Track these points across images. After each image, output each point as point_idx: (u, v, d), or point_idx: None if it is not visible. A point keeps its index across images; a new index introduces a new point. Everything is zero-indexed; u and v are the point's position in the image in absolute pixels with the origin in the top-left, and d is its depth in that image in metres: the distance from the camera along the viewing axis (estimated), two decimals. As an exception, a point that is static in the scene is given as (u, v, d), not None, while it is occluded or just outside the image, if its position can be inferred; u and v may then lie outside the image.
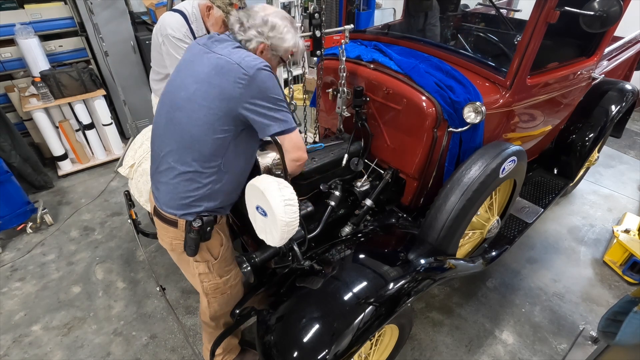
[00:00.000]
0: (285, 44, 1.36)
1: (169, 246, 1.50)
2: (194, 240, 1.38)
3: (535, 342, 2.19)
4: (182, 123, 1.29)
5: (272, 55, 1.38)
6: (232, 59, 1.23)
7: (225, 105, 1.24)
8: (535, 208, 2.47)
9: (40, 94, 3.21)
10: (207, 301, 1.63)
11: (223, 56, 1.24)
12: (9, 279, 2.57)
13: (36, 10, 3.35)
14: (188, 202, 1.35)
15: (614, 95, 2.58)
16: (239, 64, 1.21)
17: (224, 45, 1.30)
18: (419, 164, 1.83)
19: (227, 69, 1.22)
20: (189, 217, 1.37)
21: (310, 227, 1.79)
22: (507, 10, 3.24)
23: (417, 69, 1.78)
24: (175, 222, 1.40)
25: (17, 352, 2.12)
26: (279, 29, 1.33)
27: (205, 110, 1.25)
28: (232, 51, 1.26)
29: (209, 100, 1.24)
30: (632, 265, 2.53)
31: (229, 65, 1.22)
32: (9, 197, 2.75)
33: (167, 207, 1.39)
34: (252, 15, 1.31)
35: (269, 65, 1.26)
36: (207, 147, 1.29)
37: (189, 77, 1.30)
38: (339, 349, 1.25)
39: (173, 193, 1.36)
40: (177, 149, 1.32)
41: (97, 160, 3.80)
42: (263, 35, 1.32)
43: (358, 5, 2.42)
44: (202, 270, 1.52)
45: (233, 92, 1.22)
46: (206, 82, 1.24)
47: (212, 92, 1.23)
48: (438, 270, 1.59)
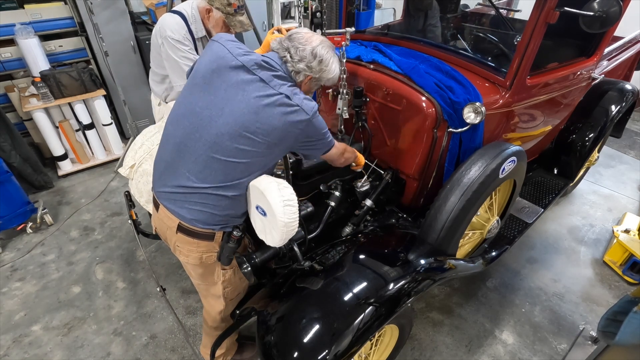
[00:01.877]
0: (330, 75, 1.40)
1: (197, 260, 1.44)
2: (232, 249, 1.39)
3: (535, 342, 2.19)
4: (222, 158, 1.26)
5: (315, 84, 1.43)
6: (293, 99, 1.25)
7: (280, 143, 1.28)
8: (535, 208, 2.48)
9: (40, 94, 3.21)
10: (225, 304, 1.62)
11: (284, 95, 1.24)
12: (9, 279, 2.57)
13: (36, 10, 3.35)
14: (229, 218, 1.38)
15: (614, 95, 2.58)
16: (301, 106, 1.25)
17: (283, 81, 1.28)
18: (419, 165, 1.83)
19: (288, 110, 1.23)
20: (227, 229, 1.38)
21: (311, 227, 1.79)
22: (507, 11, 3.24)
23: (417, 70, 1.78)
24: (211, 235, 1.38)
25: (17, 352, 2.13)
26: (326, 62, 1.35)
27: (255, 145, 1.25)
28: (291, 90, 1.27)
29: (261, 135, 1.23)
30: (632, 265, 2.53)
31: (289, 106, 1.24)
32: (9, 197, 2.75)
33: (202, 224, 1.35)
34: (300, 48, 1.30)
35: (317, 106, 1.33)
36: (252, 175, 1.32)
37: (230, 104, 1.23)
38: (339, 349, 1.25)
39: (211, 212, 1.33)
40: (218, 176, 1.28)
41: (97, 160, 3.80)
42: (312, 70, 1.33)
43: (358, 6, 2.41)
44: (228, 277, 1.53)
45: (291, 132, 1.27)
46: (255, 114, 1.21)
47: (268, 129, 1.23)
48: (438, 271, 1.59)
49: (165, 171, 1.37)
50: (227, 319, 1.74)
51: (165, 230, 1.46)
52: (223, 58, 1.26)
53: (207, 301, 1.68)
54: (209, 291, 1.61)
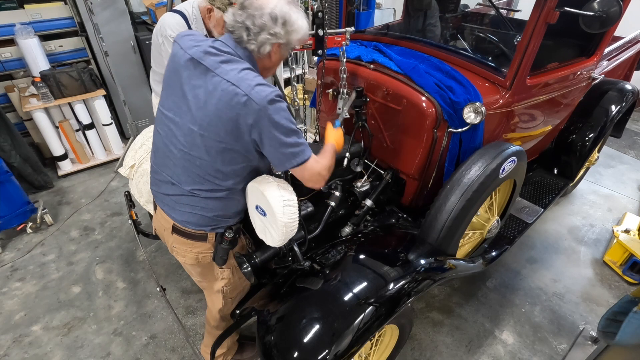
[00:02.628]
0: (299, 35, 1.22)
1: (193, 260, 1.45)
2: (226, 250, 1.38)
3: (535, 342, 2.19)
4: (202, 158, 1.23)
5: (285, 49, 1.26)
6: (242, 88, 1.10)
7: (240, 142, 1.18)
8: (535, 208, 2.48)
9: (40, 94, 3.21)
10: (223, 302, 1.64)
11: (231, 83, 1.12)
12: (9, 279, 2.57)
13: (36, 10, 3.35)
14: (219, 219, 1.35)
15: (614, 95, 2.58)
16: (249, 95, 1.10)
17: (231, 66, 1.15)
18: (419, 165, 1.83)
19: (237, 101, 1.11)
20: (219, 230, 1.37)
21: (311, 227, 1.79)
22: (507, 11, 3.24)
23: (417, 70, 1.78)
24: (204, 236, 1.38)
25: (17, 352, 2.12)
26: (290, 22, 1.18)
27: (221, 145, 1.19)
28: (241, 77, 1.13)
29: (222, 135, 1.16)
30: (632, 265, 2.53)
31: (239, 97, 1.11)
32: (9, 197, 2.75)
33: (194, 225, 1.35)
34: (256, 15, 1.14)
35: (280, 94, 1.16)
36: (230, 176, 1.27)
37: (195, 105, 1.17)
38: (339, 349, 1.25)
39: (201, 214, 1.33)
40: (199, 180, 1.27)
41: (97, 160, 3.80)
42: (276, 36, 1.18)
43: (358, 6, 2.40)
44: (227, 276, 1.54)
45: (244, 128, 1.14)
46: (216, 115, 1.14)
47: (224, 127, 1.15)
48: (438, 271, 1.59)
49: (156, 175, 1.40)
50: (226, 317, 1.74)
51: (162, 231, 1.48)
52: (176, 55, 1.23)
53: (210, 298, 1.70)
54: (212, 288, 1.63)
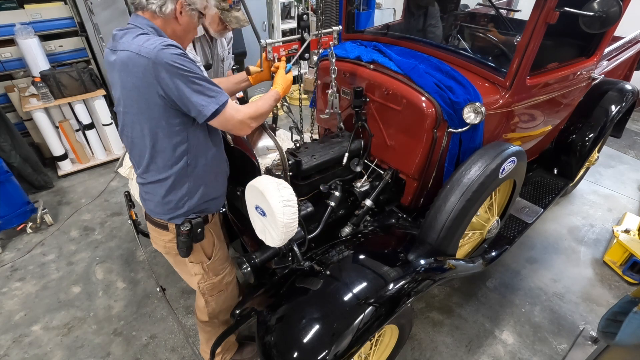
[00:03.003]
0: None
1: (163, 249, 1.51)
2: (185, 242, 1.39)
3: (535, 342, 2.19)
4: (133, 137, 1.27)
5: (191, 10, 1.26)
6: (132, 50, 1.11)
7: (152, 103, 1.16)
8: (535, 208, 2.47)
9: (40, 94, 3.21)
10: (205, 300, 1.65)
11: (124, 51, 1.13)
12: (9, 279, 2.58)
13: (36, 10, 3.35)
14: (171, 206, 1.36)
15: (614, 95, 2.58)
16: (139, 53, 1.10)
17: (126, 37, 1.17)
18: (419, 165, 1.83)
19: (131, 64, 1.11)
20: (177, 221, 1.38)
21: (310, 227, 1.79)
22: (507, 11, 3.24)
23: (417, 70, 1.78)
24: (165, 225, 1.41)
25: (17, 352, 2.13)
26: None
27: (141, 117, 1.19)
28: (132, 42, 1.13)
29: (136, 106, 1.18)
30: (632, 265, 2.53)
31: (130, 59, 1.11)
32: (9, 197, 2.75)
33: (153, 213, 1.40)
34: None
35: (173, 44, 1.14)
36: (166, 152, 1.25)
37: (115, 90, 1.23)
38: (339, 350, 1.25)
39: (155, 200, 1.36)
40: (140, 161, 1.31)
41: (97, 160, 3.80)
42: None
43: (358, 6, 2.40)
44: (198, 271, 1.54)
45: (149, 88, 1.13)
46: (123, 88, 1.17)
47: (133, 95, 1.16)
48: (438, 271, 1.59)
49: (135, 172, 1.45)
50: (215, 315, 1.74)
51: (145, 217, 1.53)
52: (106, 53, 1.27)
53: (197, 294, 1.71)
54: (189, 283, 1.65)
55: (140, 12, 1.22)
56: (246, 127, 1.31)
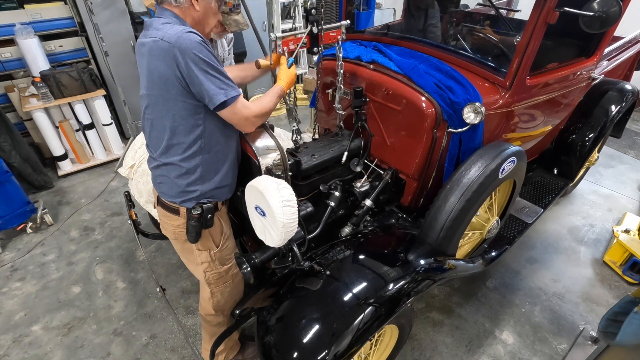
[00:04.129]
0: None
1: (172, 234, 1.54)
2: (195, 227, 1.42)
3: (535, 342, 2.19)
4: (153, 119, 1.33)
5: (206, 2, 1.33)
6: (156, 37, 1.20)
7: (171, 85, 1.23)
8: (535, 208, 2.47)
9: (40, 94, 3.22)
10: (210, 291, 1.65)
11: (151, 38, 1.22)
12: (9, 279, 2.58)
13: (36, 10, 3.35)
14: (183, 189, 1.39)
15: (614, 95, 2.58)
16: (162, 38, 1.19)
17: (154, 25, 1.26)
18: (419, 165, 1.83)
19: (155, 48, 1.20)
20: (189, 204, 1.41)
21: (310, 227, 1.79)
22: (507, 11, 3.24)
23: (417, 70, 1.78)
24: (177, 209, 1.44)
25: (17, 352, 2.13)
26: None
27: (161, 99, 1.26)
28: (158, 29, 1.23)
29: (157, 88, 1.25)
30: (632, 265, 2.53)
31: (154, 43, 1.20)
32: (9, 197, 2.75)
33: (167, 197, 1.43)
34: None
35: (193, 31, 1.22)
36: (182, 134, 1.31)
37: (142, 75, 1.32)
38: (338, 350, 1.25)
39: (169, 182, 1.40)
40: (159, 143, 1.36)
41: (97, 160, 3.80)
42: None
43: (358, 6, 2.40)
44: (205, 259, 1.56)
45: (168, 70, 1.20)
46: (148, 70, 1.25)
47: (154, 78, 1.24)
48: (438, 271, 1.59)
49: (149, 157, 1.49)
50: (220, 309, 1.74)
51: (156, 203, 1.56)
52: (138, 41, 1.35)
53: (200, 287, 1.73)
54: (195, 272, 1.66)
55: (163, 4, 1.31)
56: (250, 125, 1.38)
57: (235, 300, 1.76)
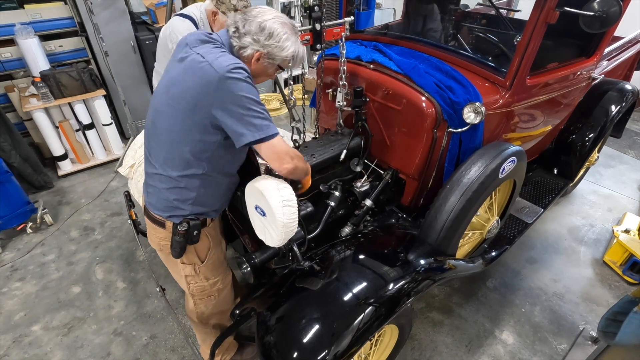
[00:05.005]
0: (283, 53, 1.27)
1: (157, 246, 1.50)
2: (180, 243, 1.37)
3: (535, 342, 2.19)
4: (162, 127, 1.27)
5: (269, 63, 1.29)
6: (206, 58, 1.16)
7: (199, 110, 1.18)
8: (535, 208, 2.47)
9: (40, 94, 3.21)
10: (193, 302, 1.64)
11: (200, 55, 1.18)
12: (9, 279, 2.58)
13: (36, 10, 3.35)
14: (174, 205, 1.34)
15: (614, 95, 2.58)
16: (212, 64, 1.14)
17: (208, 46, 1.22)
18: (419, 165, 1.83)
19: (199, 68, 1.16)
20: (176, 220, 1.36)
21: (310, 227, 1.79)
22: (507, 11, 3.23)
23: (417, 70, 1.78)
24: (162, 222, 1.39)
25: (17, 352, 2.13)
26: (277, 37, 1.23)
27: (181, 115, 1.20)
28: (210, 51, 1.19)
29: (183, 104, 1.19)
30: (632, 265, 2.53)
31: (202, 65, 1.15)
32: (9, 197, 2.75)
33: (154, 209, 1.38)
34: (248, 20, 1.23)
35: (244, 67, 1.18)
36: (189, 153, 1.25)
37: (171, 80, 1.25)
38: (338, 350, 1.25)
39: (159, 195, 1.35)
40: (159, 153, 1.30)
41: (97, 160, 3.80)
42: (259, 43, 1.23)
43: (358, 6, 2.41)
44: (188, 272, 1.52)
45: (203, 95, 1.15)
46: (181, 83, 1.19)
47: (186, 95, 1.18)
48: (438, 271, 1.59)
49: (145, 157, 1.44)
50: (205, 318, 1.72)
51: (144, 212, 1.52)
52: (179, 45, 1.32)
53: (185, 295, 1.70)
54: (179, 283, 1.63)
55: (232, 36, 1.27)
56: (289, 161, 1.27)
57: (222, 312, 1.73)
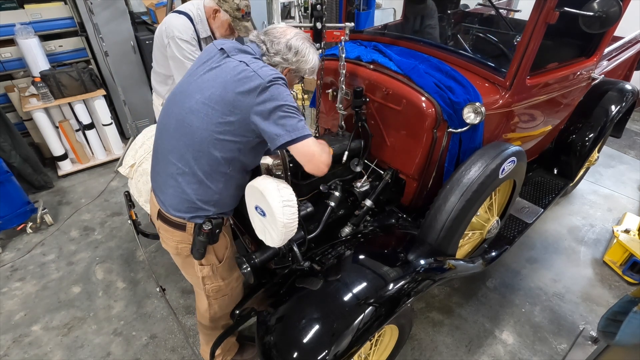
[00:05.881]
0: (308, 66, 1.41)
1: (174, 250, 1.48)
2: (203, 243, 1.38)
3: (535, 342, 2.19)
4: (194, 126, 1.27)
5: (295, 75, 1.44)
6: (250, 66, 1.25)
7: (239, 112, 1.23)
8: (535, 208, 2.47)
9: (40, 94, 3.21)
10: (208, 303, 1.64)
11: (243, 62, 1.26)
12: (9, 279, 2.58)
13: (36, 10, 3.35)
14: (198, 206, 1.34)
15: (614, 95, 2.58)
16: (256, 72, 1.23)
17: (248, 56, 1.31)
18: (419, 165, 1.83)
19: (244, 75, 1.23)
20: (198, 220, 1.36)
21: (310, 227, 1.79)
22: (507, 11, 3.24)
23: (417, 70, 1.78)
24: (183, 225, 1.38)
25: (17, 352, 2.13)
26: (302, 53, 1.37)
27: (218, 114, 1.24)
28: (253, 61, 1.28)
29: (222, 104, 1.24)
30: (632, 265, 2.53)
31: (247, 72, 1.23)
32: (9, 197, 2.75)
33: (174, 210, 1.37)
34: (274, 42, 1.34)
35: (284, 78, 1.28)
36: (219, 152, 1.28)
37: (206, 81, 1.29)
38: (338, 350, 1.25)
39: (182, 196, 1.34)
40: (187, 152, 1.30)
41: (97, 160, 3.80)
42: (288, 61, 1.36)
43: (358, 6, 2.41)
44: (206, 274, 1.52)
45: (246, 99, 1.22)
46: (222, 86, 1.24)
47: (227, 97, 1.23)
48: (438, 271, 1.59)
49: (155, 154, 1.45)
50: (217, 319, 1.73)
51: (153, 216, 1.52)
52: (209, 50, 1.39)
53: (198, 297, 1.70)
54: (194, 285, 1.64)
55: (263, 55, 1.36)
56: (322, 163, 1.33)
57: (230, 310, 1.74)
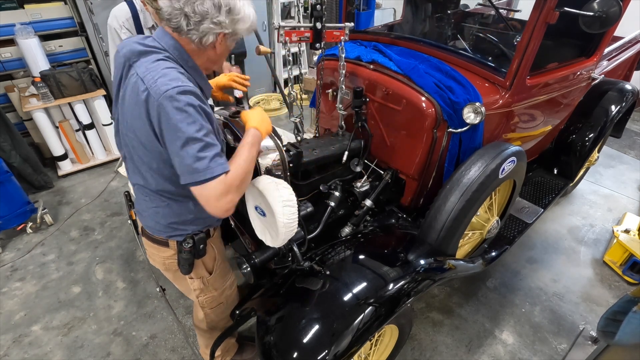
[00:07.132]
0: (246, 24, 1.11)
1: (162, 266, 1.45)
2: (187, 259, 1.33)
3: (535, 342, 2.19)
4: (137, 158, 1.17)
5: (232, 40, 1.15)
6: (145, 81, 1.02)
7: (154, 143, 1.07)
8: (535, 208, 2.47)
9: (40, 94, 3.21)
10: (204, 313, 1.63)
11: (139, 77, 1.04)
12: (9, 279, 2.58)
13: (36, 10, 3.35)
14: (174, 227, 1.30)
15: (614, 95, 2.58)
16: (149, 89, 1.00)
17: (148, 60, 1.06)
18: (419, 165, 1.83)
19: (140, 98, 1.02)
20: (179, 238, 1.31)
21: (310, 227, 1.79)
22: (507, 11, 3.24)
23: (417, 70, 1.78)
24: (165, 242, 1.35)
25: (17, 352, 2.13)
26: (235, 10, 1.07)
27: (141, 146, 1.11)
28: (149, 68, 1.03)
29: (138, 135, 1.09)
30: (632, 265, 2.53)
31: (141, 93, 1.02)
32: (9, 197, 2.75)
33: (151, 229, 1.33)
34: (197, 3, 1.01)
35: (187, 89, 1.01)
36: (171, 181, 1.17)
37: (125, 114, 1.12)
38: (338, 350, 1.25)
39: (156, 219, 1.29)
40: (143, 183, 1.22)
41: (97, 160, 3.80)
42: (221, 25, 1.06)
43: (358, 6, 2.41)
44: (197, 286, 1.50)
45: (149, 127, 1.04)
46: (130, 113, 1.08)
47: (138, 125, 1.07)
48: (438, 271, 1.59)
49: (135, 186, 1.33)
50: (216, 326, 1.72)
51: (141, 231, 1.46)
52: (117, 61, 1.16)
53: (194, 305, 1.68)
54: (189, 296, 1.61)
55: (172, 32, 1.09)
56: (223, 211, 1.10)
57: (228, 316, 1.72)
